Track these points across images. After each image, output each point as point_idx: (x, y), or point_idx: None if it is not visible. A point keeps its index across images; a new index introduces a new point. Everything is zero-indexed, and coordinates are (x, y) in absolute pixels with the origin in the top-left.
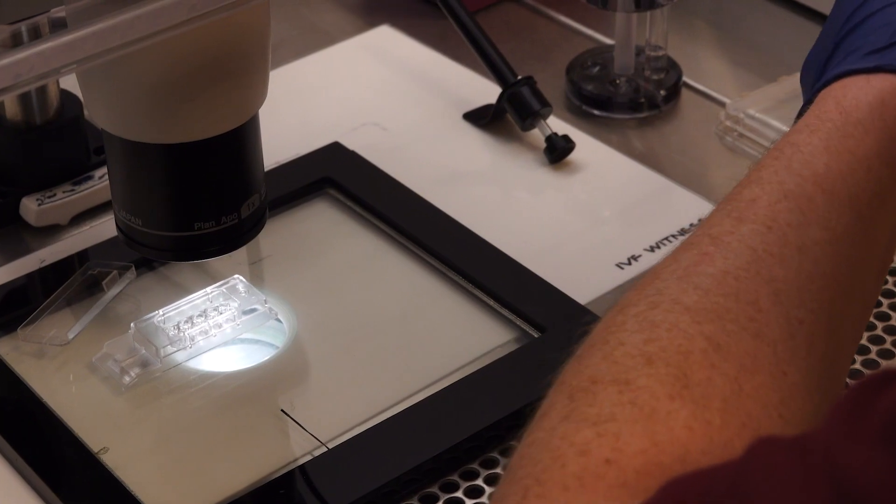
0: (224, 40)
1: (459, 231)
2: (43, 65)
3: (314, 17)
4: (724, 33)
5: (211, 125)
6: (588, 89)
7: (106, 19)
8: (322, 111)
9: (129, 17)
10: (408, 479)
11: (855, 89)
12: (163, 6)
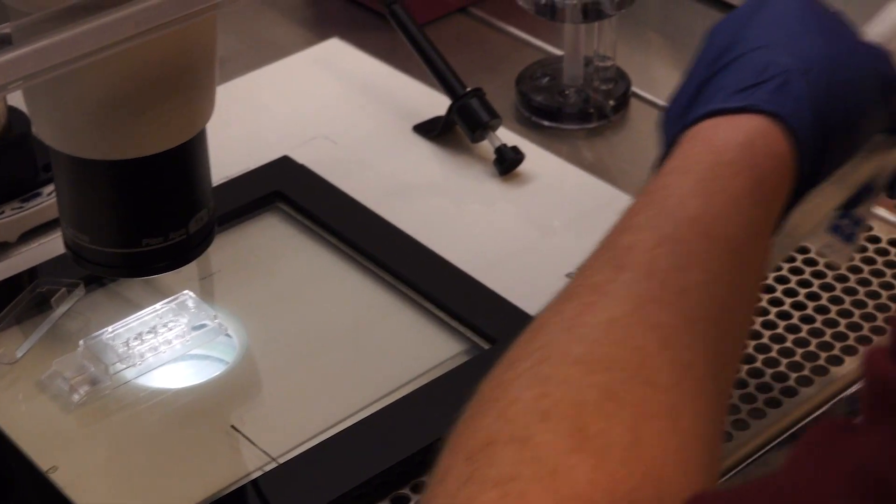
0: (170, 56)
1: (410, 244)
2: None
3: (264, 30)
4: (673, 42)
5: (158, 141)
6: (537, 100)
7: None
8: (272, 125)
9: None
10: (359, 493)
11: (724, 129)
12: (108, 22)
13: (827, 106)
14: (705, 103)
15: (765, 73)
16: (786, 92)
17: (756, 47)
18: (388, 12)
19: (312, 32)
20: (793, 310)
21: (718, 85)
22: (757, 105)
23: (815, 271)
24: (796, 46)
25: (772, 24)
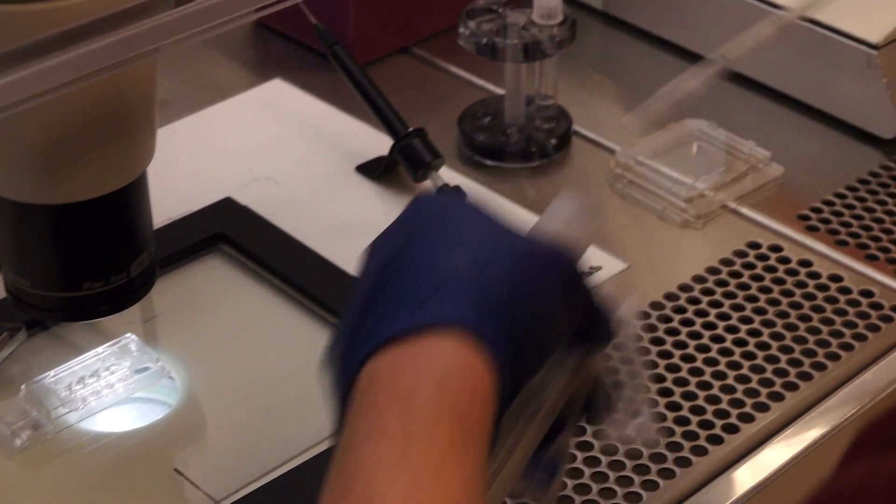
0: (109, 100)
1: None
2: None
3: (206, 71)
4: (614, 80)
5: (98, 185)
6: (480, 139)
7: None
8: (214, 166)
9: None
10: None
11: (407, 365)
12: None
13: (511, 308)
14: (376, 329)
15: (435, 279)
16: (462, 297)
17: (421, 253)
18: (330, 53)
19: (255, 73)
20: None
21: (386, 303)
22: (436, 320)
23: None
24: (466, 247)
25: (436, 228)
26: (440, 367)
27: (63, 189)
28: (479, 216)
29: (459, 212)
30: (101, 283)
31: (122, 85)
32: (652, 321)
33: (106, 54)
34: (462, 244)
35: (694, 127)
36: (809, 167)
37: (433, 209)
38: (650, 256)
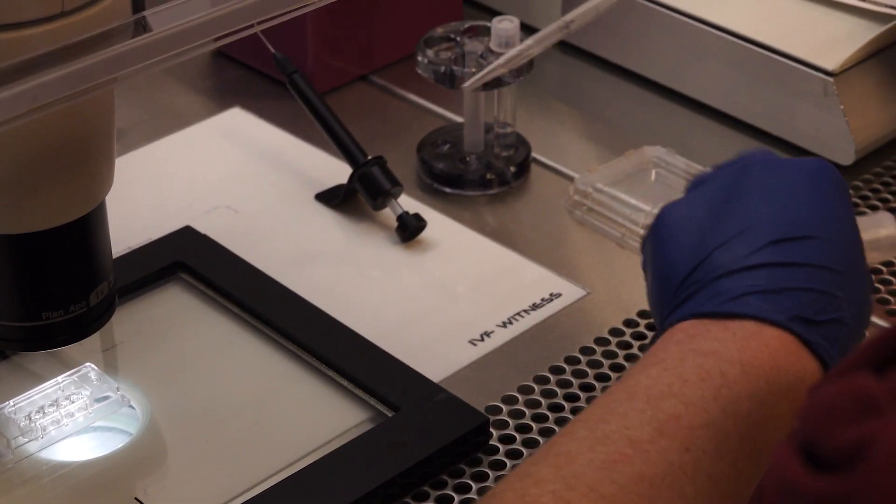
0: (67, 130)
1: (313, 312)
2: None
3: (166, 99)
4: (572, 108)
5: (55, 214)
6: (439, 167)
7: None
8: (174, 195)
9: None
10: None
11: (774, 340)
12: (3, 98)
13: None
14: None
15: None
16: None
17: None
18: (289, 81)
19: (214, 102)
20: None
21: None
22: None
23: None
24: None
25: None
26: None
27: (21, 219)
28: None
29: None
30: (60, 312)
31: (80, 114)
32: (612, 347)
33: (63, 85)
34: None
35: (652, 154)
36: None
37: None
38: (610, 283)
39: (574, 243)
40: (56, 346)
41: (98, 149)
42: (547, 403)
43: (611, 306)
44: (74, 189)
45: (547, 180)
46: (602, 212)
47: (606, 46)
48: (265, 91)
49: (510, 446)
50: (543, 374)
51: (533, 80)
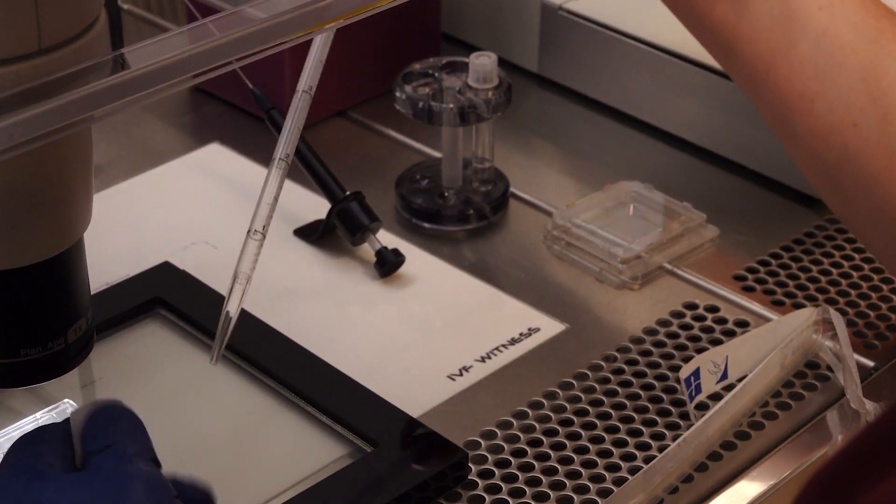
0: (44, 167)
1: (291, 347)
2: None
3: (144, 135)
4: (550, 143)
5: (32, 252)
6: (417, 203)
7: None
8: (153, 231)
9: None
10: None
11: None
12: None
13: None
14: None
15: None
16: None
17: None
18: (267, 117)
19: (192, 138)
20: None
21: None
22: None
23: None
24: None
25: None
26: None
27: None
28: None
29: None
30: (38, 349)
31: (57, 152)
32: (591, 382)
33: (40, 123)
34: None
35: (630, 189)
36: (745, 228)
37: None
38: (588, 318)
39: (552, 278)
40: (34, 382)
41: (75, 186)
42: (526, 438)
43: (590, 341)
44: (52, 226)
45: (525, 215)
46: (580, 246)
47: (584, 81)
48: (243, 126)
49: (489, 481)
50: (522, 409)
51: (510, 115)
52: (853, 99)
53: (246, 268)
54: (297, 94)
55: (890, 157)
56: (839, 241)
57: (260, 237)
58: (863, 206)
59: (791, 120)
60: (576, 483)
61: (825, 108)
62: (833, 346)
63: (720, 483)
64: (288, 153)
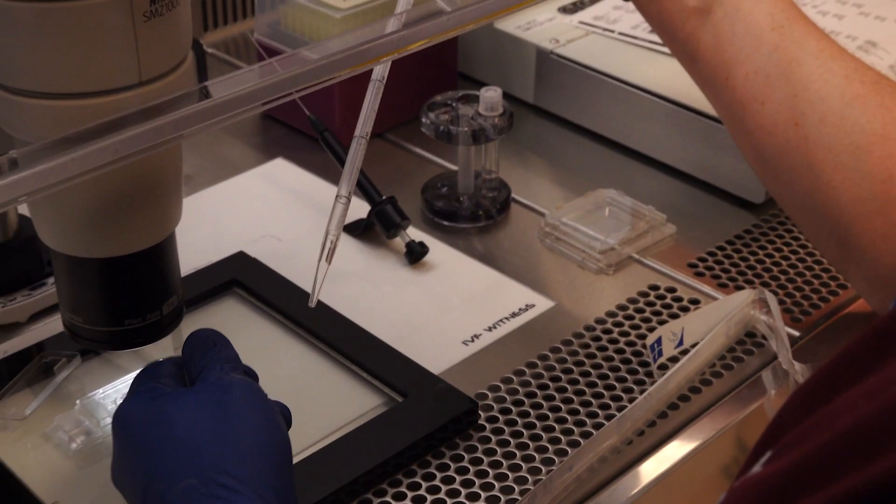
0: (145, 175)
1: (339, 319)
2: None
3: (223, 152)
4: (544, 159)
5: (135, 242)
6: (438, 205)
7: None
8: (230, 227)
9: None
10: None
11: None
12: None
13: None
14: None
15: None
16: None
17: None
18: (321, 138)
19: (262, 153)
20: (639, 367)
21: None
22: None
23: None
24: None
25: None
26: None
27: (108, 246)
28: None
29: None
30: (138, 319)
31: (155, 163)
32: (574, 347)
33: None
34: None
35: (606, 195)
36: (696, 226)
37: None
38: (572, 296)
39: (544, 265)
40: (134, 346)
41: (169, 190)
42: (523, 391)
43: (573, 315)
44: (150, 222)
45: (523, 215)
46: (567, 240)
47: (569, 110)
48: (302, 145)
49: (494, 425)
50: (521, 368)
51: (512, 137)
52: (796, 103)
53: (333, 228)
54: (355, 139)
55: (823, 151)
56: (772, 237)
57: (345, 201)
58: (798, 190)
59: (743, 117)
60: (563, 426)
61: (773, 109)
62: (767, 320)
63: (678, 427)
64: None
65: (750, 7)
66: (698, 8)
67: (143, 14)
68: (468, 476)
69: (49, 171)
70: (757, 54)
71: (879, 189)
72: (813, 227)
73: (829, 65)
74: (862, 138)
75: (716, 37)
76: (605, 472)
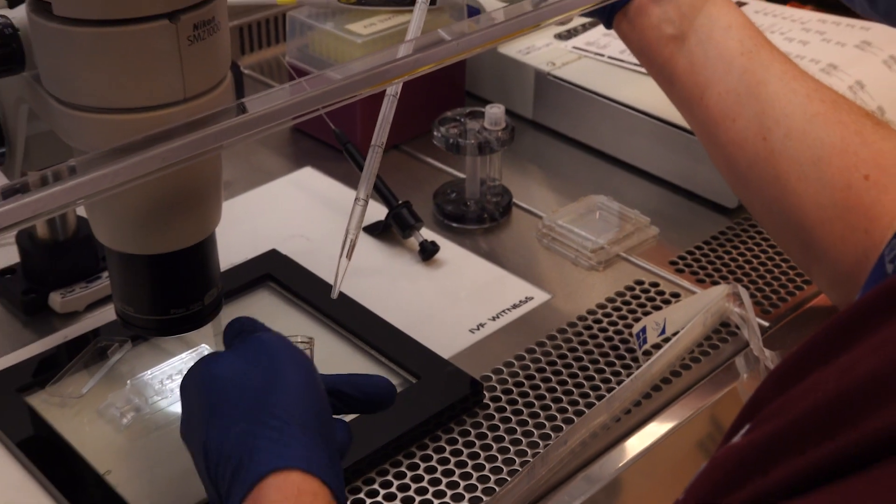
0: (188, 182)
1: (360, 310)
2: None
3: (258, 161)
4: (542, 168)
5: (179, 241)
6: (448, 209)
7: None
8: (263, 228)
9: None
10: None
11: (266, 495)
12: (142, 159)
13: (313, 433)
14: (245, 475)
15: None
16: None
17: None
18: (344, 149)
19: (292, 163)
20: (626, 353)
21: (244, 461)
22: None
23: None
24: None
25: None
26: (270, 499)
27: (155, 244)
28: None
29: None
30: (183, 309)
31: (197, 171)
32: (569, 335)
33: (184, 150)
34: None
35: (597, 200)
36: (677, 228)
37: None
38: (566, 290)
39: (542, 262)
40: (179, 333)
41: (210, 195)
42: (523, 374)
43: (567, 306)
44: (193, 223)
45: (523, 218)
46: (562, 240)
47: (565, 125)
48: (328, 155)
49: (497, 404)
50: (521, 354)
51: (514, 148)
52: (763, 120)
53: (352, 228)
54: (372, 148)
55: (788, 163)
56: (744, 237)
57: (363, 203)
58: (765, 198)
59: (716, 133)
60: (559, 406)
61: (743, 125)
62: (740, 312)
63: (660, 406)
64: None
65: (721, 35)
66: (675, 36)
67: (188, 38)
68: (474, 449)
69: (103, 177)
70: (728, 76)
71: (839, 196)
72: (779, 232)
73: (792, 85)
74: (822, 151)
75: (691, 61)
76: (596, 447)
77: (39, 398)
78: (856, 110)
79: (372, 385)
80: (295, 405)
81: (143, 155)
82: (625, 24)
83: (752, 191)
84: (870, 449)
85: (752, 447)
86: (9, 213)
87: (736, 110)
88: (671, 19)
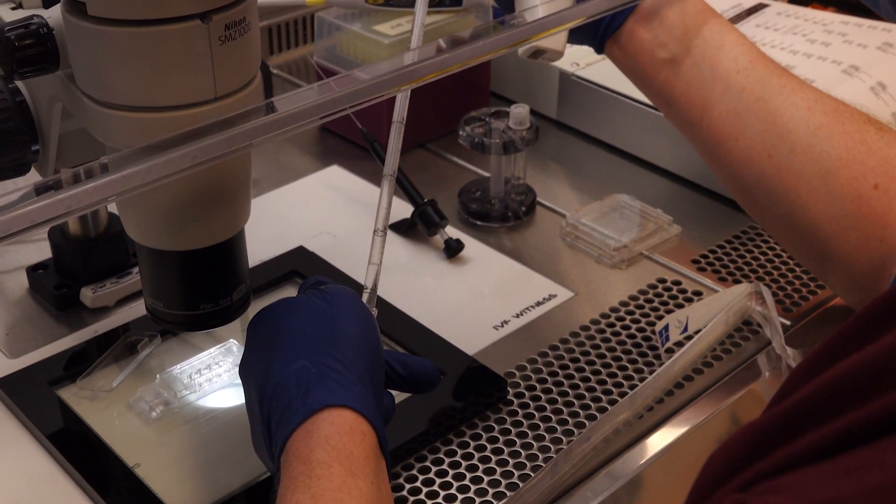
0: (218, 179)
1: (386, 306)
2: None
3: (286, 159)
4: (565, 167)
5: (209, 237)
6: (473, 207)
7: (134, 166)
8: (291, 225)
9: (150, 164)
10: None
11: (302, 440)
12: (174, 157)
13: (360, 371)
14: (284, 422)
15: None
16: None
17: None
18: (371, 148)
19: (319, 161)
20: (648, 350)
21: (281, 409)
22: (317, 405)
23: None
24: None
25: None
26: (324, 432)
27: (186, 240)
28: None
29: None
30: (212, 304)
31: (227, 169)
32: (592, 333)
33: (215, 148)
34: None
35: (619, 199)
36: (699, 227)
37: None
38: (590, 288)
39: (565, 260)
40: (208, 328)
41: (239, 192)
42: (546, 371)
43: (589, 304)
44: (223, 220)
45: (547, 217)
46: (585, 239)
47: (588, 125)
48: (354, 154)
49: (521, 400)
50: (544, 350)
51: (538, 148)
52: (766, 137)
53: (375, 257)
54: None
55: (796, 178)
56: (766, 236)
57: (382, 234)
58: (776, 214)
59: (720, 153)
60: (581, 402)
61: (746, 144)
62: (762, 310)
63: (683, 404)
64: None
65: (715, 55)
66: (668, 59)
67: (219, 38)
68: (498, 444)
69: (135, 174)
70: (727, 96)
71: (850, 208)
72: (793, 245)
73: (792, 99)
74: (829, 164)
75: (687, 83)
76: (619, 443)
77: (70, 391)
78: (858, 117)
79: (420, 366)
80: (356, 355)
81: (174, 153)
82: (616, 49)
83: (761, 207)
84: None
85: (773, 417)
86: (42, 210)
87: (738, 129)
88: (663, 43)
